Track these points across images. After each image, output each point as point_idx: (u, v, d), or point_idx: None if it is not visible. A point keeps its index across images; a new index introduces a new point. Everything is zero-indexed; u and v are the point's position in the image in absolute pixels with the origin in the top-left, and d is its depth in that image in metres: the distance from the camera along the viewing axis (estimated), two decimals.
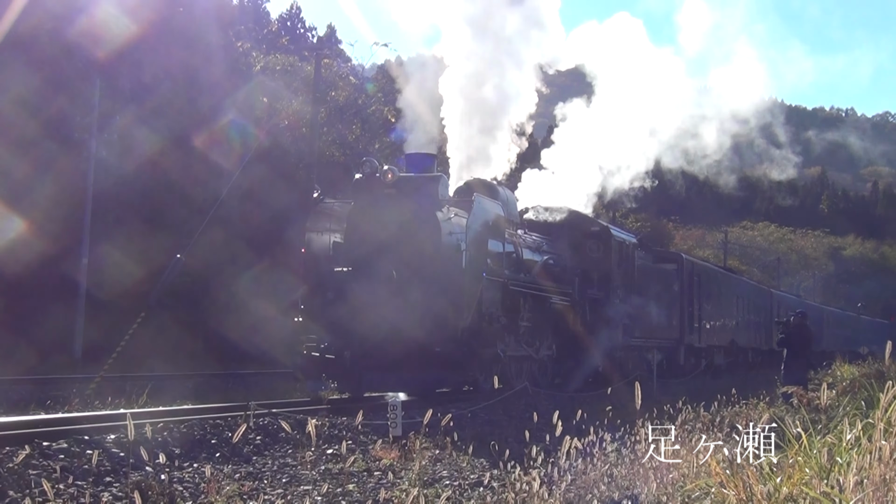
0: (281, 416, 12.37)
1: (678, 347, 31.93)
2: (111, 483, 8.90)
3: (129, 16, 33.57)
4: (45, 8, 31.96)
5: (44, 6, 31.88)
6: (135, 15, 33.86)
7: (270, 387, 22.02)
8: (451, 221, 17.92)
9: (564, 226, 24.59)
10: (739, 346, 40.91)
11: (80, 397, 17.03)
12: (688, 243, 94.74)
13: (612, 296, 24.96)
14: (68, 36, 32.54)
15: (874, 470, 5.32)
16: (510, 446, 9.70)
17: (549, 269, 22.12)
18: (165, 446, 10.31)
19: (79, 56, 32.78)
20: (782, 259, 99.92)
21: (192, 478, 9.48)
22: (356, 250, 18.17)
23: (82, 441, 9.93)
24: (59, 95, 32.05)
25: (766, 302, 48.16)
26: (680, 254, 37.64)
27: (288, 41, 54.41)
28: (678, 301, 31.80)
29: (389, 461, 10.87)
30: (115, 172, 32.63)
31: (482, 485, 9.51)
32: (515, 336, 19.77)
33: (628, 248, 26.62)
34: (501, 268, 19.11)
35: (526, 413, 15.48)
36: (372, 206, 18.20)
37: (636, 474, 8.69)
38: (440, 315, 16.77)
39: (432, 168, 19.69)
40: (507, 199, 21.10)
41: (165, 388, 19.64)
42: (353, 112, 46.23)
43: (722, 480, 5.93)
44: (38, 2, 31.44)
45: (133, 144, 33.63)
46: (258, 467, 10.52)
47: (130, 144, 33.60)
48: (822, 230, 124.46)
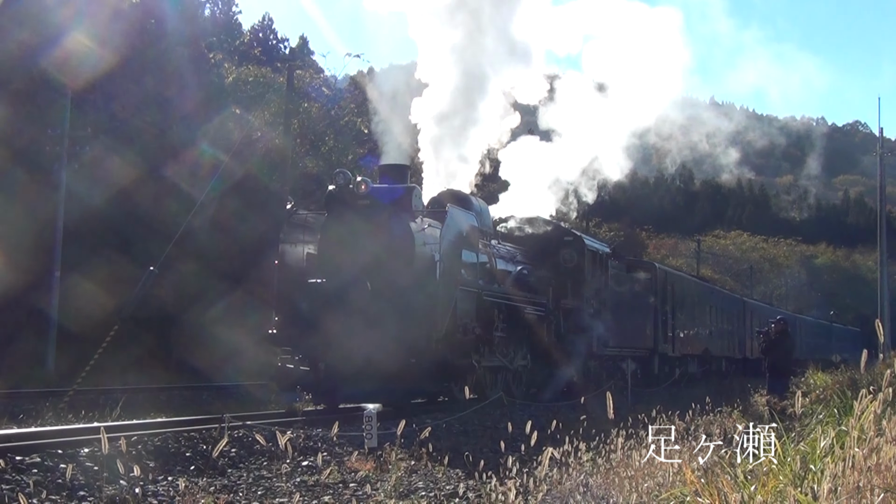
0: (256, 428, 12.33)
1: (652, 357, 32.04)
2: (85, 497, 8.85)
3: (101, 46, 33.49)
4: (16, 37, 31.90)
5: (15, 36, 31.83)
6: (107, 45, 33.79)
7: (245, 399, 21.93)
8: (424, 232, 17.94)
9: (538, 236, 24.68)
10: (713, 354, 41.08)
11: (53, 411, 16.92)
12: (661, 252, 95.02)
13: (586, 305, 25.04)
14: (40, 65, 32.54)
15: (848, 477, 5.35)
16: (485, 457, 9.71)
17: (522, 279, 22.18)
18: (139, 459, 10.25)
19: (50, 85, 32.69)
20: (755, 268, 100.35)
21: (167, 491, 9.44)
22: (330, 261, 18.13)
23: (56, 455, 9.87)
24: (30, 125, 31.91)
25: (739, 310, 48.39)
26: (653, 263, 37.80)
27: (260, 52, 54.35)
28: (652, 310, 31.93)
29: (365, 472, 10.85)
30: (85, 202, 32.43)
31: (458, 496, 9.51)
32: (490, 346, 19.79)
33: (602, 258, 26.71)
34: (475, 278, 19.15)
35: (501, 423, 15.50)
36: (345, 218, 18.17)
37: (611, 483, 8.71)
38: (414, 326, 16.77)
39: (406, 178, 19.69)
40: (480, 209, 21.14)
41: (139, 401, 19.54)
42: (326, 123, 46.24)
43: (697, 489, 5.96)
44: (9, 32, 31.41)
45: (104, 174, 33.39)
46: (233, 480, 10.48)
47: (101, 174, 33.36)
48: (794, 239, 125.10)
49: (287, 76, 35.81)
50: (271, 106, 41.73)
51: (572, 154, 28.19)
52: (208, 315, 31.77)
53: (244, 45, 54.89)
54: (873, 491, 5.25)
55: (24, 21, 32.28)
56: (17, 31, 31.83)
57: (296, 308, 17.91)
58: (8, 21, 31.98)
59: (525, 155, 27.72)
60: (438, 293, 17.31)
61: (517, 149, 27.48)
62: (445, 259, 17.52)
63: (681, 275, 41.37)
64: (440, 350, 17.11)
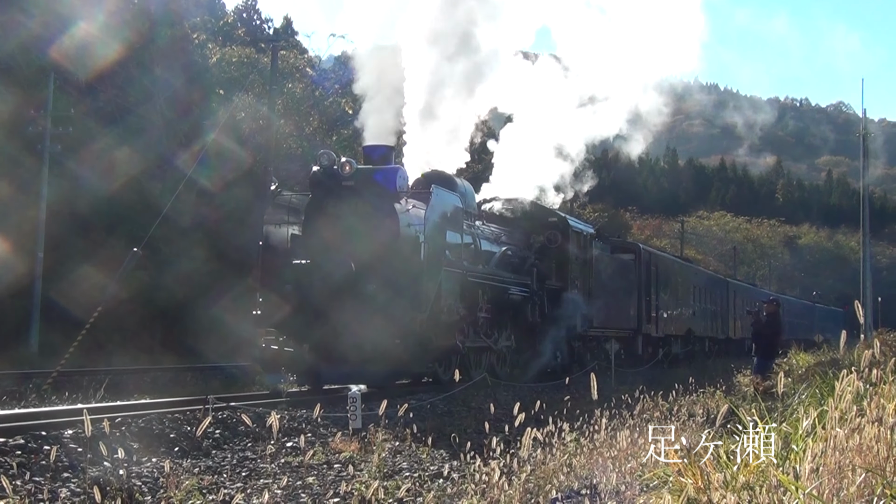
0: (240, 409, 12.32)
1: (636, 337, 32.15)
2: (69, 479, 8.83)
3: (110, 36, 33.60)
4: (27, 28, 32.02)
5: (25, 26, 31.91)
6: (116, 35, 33.93)
7: (229, 380, 21.91)
8: (409, 213, 17.92)
9: (522, 217, 24.70)
10: (696, 335, 41.19)
11: (36, 392, 16.89)
12: (645, 233, 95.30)
13: (570, 286, 25.07)
14: (49, 54, 32.65)
15: (829, 457, 5.38)
16: (470, 437, 9.73)
17: (507, 260, 22.20)
18: (123, 441, 10.25)
19: (58, 72, 32.79)
20: (738, 248, 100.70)
21: (151, 472, 9.43)
22: (314, 243, 18.11)
23: (39, 437, 9.85)
24: (40, 113, 31.91)
25: (723, 291, 48.52)
26: (637, 244, 37.85)
27: (244, 33, 54.06)
28: (636, 291, 32.01)
29: (349, 453, 10.87)
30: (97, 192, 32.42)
31: (442, 476, 9.53)
32: (474, 327, 19.83)
33: (586, 239, 26.73)
34: (460, 259, 19.15)
35: (485, 404, 15.54)
36: (330, 199, 18.13)
37: (595, 464, 8.74)
38: (399, 307, 16.78)
39: (390, 159, 19.65)
40: (465, 190, 21.11)
41: (123, 382, 19.50)
42: (310, 104, 46.10)
43: (680, 469, 5.98)
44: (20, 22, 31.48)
45: (88, 156, 33.36)
46: (217, 461, 10.47)
47: (86, 156, 33.33)
48: (778, 219, 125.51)
49: (271, 57, 35.67)
50: (255, 86, 41.57)
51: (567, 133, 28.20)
52: (193, 294, 31.77)
53: (228, 25, 54.50)
54: (855, 471, 5.28)
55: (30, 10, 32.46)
56: (27, 21, 32.04)
57: (280, 289, 17.90)
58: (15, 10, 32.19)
59: (514, 135, 27.73)
60: (423, 274, 17.30)
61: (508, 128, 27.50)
62: (430, 240, 17.51)
63: (665, 256, 41.43)
64: (425, 331, 17.13)
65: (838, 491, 5.21)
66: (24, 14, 32.83)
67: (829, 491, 5.20)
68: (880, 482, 5.18)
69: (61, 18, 33.35)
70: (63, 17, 33.45)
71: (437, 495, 8.51)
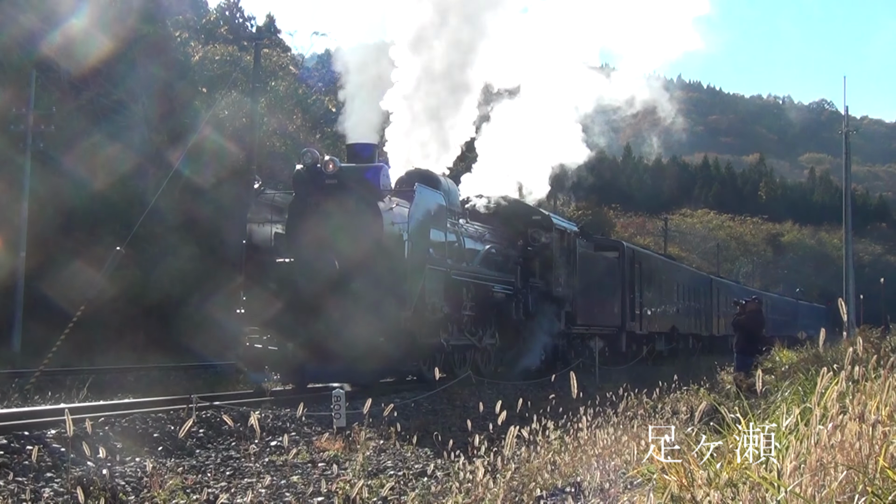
0: (224, 408, 12.30)
1: (620, 334, 32.18)
2: (52, 479, 8.81)
3: (102, 32, 33.56)
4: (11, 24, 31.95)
5: (9, 23, 31.83)
6: (108, 30, 33.89)
7: (214, 379, 21.86)
8: (392, 211, 17.92)
9: (506, 215, 24.68)
10: (680, 332, 41.29)
11: (19, 392, 16.82)
12: (629, 231, 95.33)
13: (554, 284, 25.10)
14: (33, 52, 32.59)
15: (812, 455, 5.40)
16: (454, 435, 9.74)
17: (491, 258, 22.20)
18: (107, 441, 10.22)
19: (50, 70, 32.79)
20: (722, 246, 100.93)
21: (135, 472, 9.41)
22: (298, 241, 18.08)
23: (22, 437, 9.83)
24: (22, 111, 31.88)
25: (707, 288, 48.63)
26: (621, 241, 37.91)
27: (227, 31, 53.92)
28: (620, 289, 32.06)
29: (334, 452, 10.87)
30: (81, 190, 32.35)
31: (426, 474, 9.54)
32: (458, 325, 19.84)
33: (570, 237, 26.77)
34: (444, 257, 19.16)
35: (469, 402, 15.55)
36: (313, 197, 18.11)
37: (579, 462, 8.76)
38: (383, 305, 16.77)
39: (373, 158, 19.63)
40: (448, 188, 21.12)
41: (107, 381, 19.43)
42: (293, 102, 46.02)
43: (663, 466, 5.99)
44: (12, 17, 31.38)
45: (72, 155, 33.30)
46: (201, 460, 10.46)
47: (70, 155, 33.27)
48: (761, 217, 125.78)
49: (254, 55, 35.61)
50: (239, 84, 41.48)
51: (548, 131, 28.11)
52: (180, 292, 31.73)
53: (211, 23, 54.34)
54: (837, 468, 5.30)
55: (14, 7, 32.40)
56: (19, 17, 31.95)
57: (264, 288, 17.87)
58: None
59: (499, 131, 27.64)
60: (407, 272, 17.32)
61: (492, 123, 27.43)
62: (414, 238, 17.53)
63: (648, 253, 41.51)
64: (409, 329, 17.13)
65: (820, 488, 5.23)
66: (9, 11, 32.72)
67: (812, 488, 5.21)
68: (862, 479, 5.19)
69: (46, 16, 33.27)
70: (48, 14, 33.37)
71: (421, 494, 8.52)
